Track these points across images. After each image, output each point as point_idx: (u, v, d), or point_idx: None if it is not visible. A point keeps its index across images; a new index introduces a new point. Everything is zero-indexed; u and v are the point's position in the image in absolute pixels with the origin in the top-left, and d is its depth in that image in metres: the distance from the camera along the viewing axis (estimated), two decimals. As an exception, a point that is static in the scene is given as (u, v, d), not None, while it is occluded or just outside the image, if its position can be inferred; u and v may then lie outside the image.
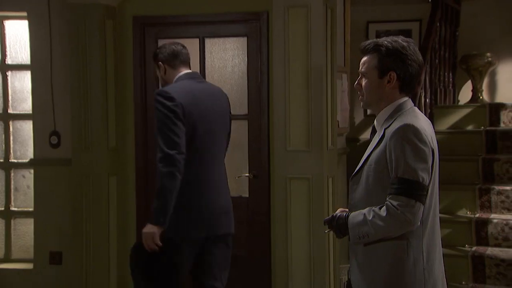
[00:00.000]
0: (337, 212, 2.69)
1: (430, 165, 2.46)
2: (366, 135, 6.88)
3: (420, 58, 2.58)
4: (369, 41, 2.60)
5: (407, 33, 6.60)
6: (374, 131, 2.66)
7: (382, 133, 2.53)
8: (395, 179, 2.43)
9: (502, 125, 5.64)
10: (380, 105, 2.59)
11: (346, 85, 4.96)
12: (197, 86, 3.47)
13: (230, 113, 3.64)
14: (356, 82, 2.64)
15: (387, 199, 2.44)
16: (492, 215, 4.88)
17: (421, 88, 5.14)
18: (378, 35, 6.78)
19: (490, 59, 6.32)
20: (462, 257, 4.68)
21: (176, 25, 4.74)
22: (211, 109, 3.43)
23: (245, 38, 4.59)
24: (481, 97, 6.37)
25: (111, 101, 4.69)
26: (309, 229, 4.21)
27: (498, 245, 4.79)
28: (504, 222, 4.80)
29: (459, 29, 6.51)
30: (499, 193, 4.99)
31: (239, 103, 4.59)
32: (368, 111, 6.86)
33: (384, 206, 2.44)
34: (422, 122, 2.52)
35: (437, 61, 5.80)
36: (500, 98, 6.45)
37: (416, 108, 2.62)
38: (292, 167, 4.24)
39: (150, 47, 4.65)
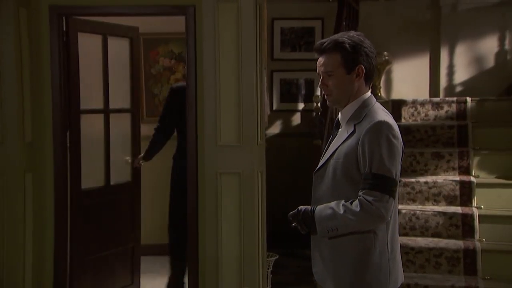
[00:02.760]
0: (300, 206, 2.71)
1: (400, 160, 2.60)
2: (272, 129, 7.05)
3: (374, 49, 2.70)
4: (326, 41, 2.65)
5: (310, 31, 6.85)
6: (337, 126, 2.72)
7: (352, 129, 2.59)
8: (369, 174, 2.51)
9: (403, 120, 6.00)
10: (349, 100, 2.66)
11: (265, 80, 5.05)
12: None
13: None
14: (320, 83, 2.68)
15: (360, 194, 2.51)
16: (400, 206, 5.18)
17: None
18: (283, 32, 6.97)
19: (387, 57, 6.68)
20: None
21: (98, 16, 4.59)
22: None
23: (171, 32, 4.54)
24: (379, 94, 6.73)
25: (27, 94, 4.44)
26: (240, 224, 4.25)
27: (406, 234, 5.10)
28: (412, 212, 5.12)
29: (358, 28, 6.81)
30: (405, 185, 5.30)
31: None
32: (274, 107, 7.05)
33: (357, 201, 2.51)
34: (391, 118, 2.63)
35: (343, 58, 6.03)
36: (395, 95, 6.87)
37: (379, 104, 2.72)
38: (222, 162, 4.25)
39: (70, 40, 4.46)
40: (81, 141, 4.58)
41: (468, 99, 5.98)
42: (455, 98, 6.08)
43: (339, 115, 2.72)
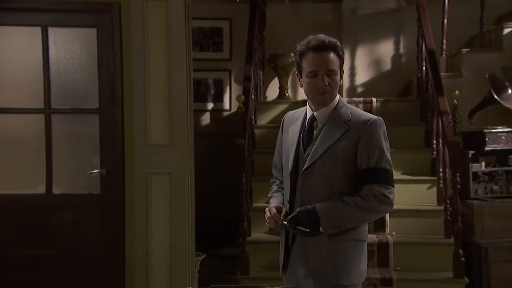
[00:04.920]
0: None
1: None
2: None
3: None
4: (325, 40, 2.68)
5: (218, 31, 6.90)
6: (310, 126, 2.75)
7: (346, 127, 2.67)
8: (376, 168, 2.63)
9: (314, 120, 6.19)
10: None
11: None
12: None
13: None
14: (322, 81, 2.65)
15: (373, 188, 2.61)
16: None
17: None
18: (192, 31, 6.95)
19: (294, 58, 6.85)
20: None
21: (13, 10, 4.37)
22: None
23: (95, 30, 4.40)
24: (287, 94, 6.90)
25: None
26: (171, 223, 4.21)
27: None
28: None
29: (266, 29, 6.96)
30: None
31: (89, 97, 4.40)
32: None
33: (369, 194, 2.61)
34: None
35: (256, 59, 6.15)
36: (301, 95, 7.06)
37: None
38: (153, 162, 4.20)
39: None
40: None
41: (374, 99, 6.28)
42: (362, 99, 6.37)
43: (315, 114, 2.74)
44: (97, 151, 4.42)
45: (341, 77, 2.72)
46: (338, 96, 2.77)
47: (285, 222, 2.68)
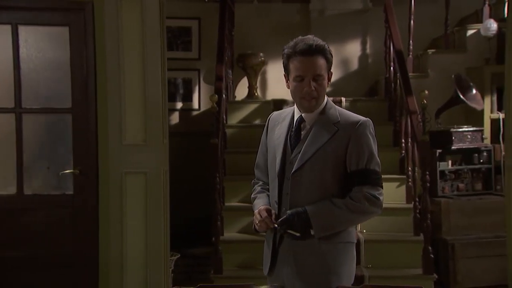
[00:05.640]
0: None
1: None
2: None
3: None
4: (312, 43, 2.65)
5: (187, 30, 6.89)
6: (298, 126, 2.73)
7: (335, 128, 2.66)
8: (364, 170, 2.63)
9: (285, 119, 6.23)
10: None
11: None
12: None
13: None
14: (308, 86, 2.63)
15: (363, 190, 2.61)
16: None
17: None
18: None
19: (263, 58, 6.91)
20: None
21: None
22: None
23: (67, 28, 4.35)
24: (256, 94, 6.93)
25: None
26: (146, 224, 4.18)
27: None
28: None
29: (234, 29, 6.97)
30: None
31: (61, 96, 4.35)
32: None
33: (360, 196, 2.61)
34: None
35: (226, 58, 6.16)
36: (270, 95, 7.11)
37: None
38: (128, 162, 4.16)
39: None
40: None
41: (343, 99, 6.35)
42: (331, 98, 6.39)
43: (303, 115, 2.72)
44: (70, 151, 4.37)
45: (329, 79, 2.72)
46: (326, 97, 2.76)
47: (276, 225, 2.66)
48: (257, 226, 2.72)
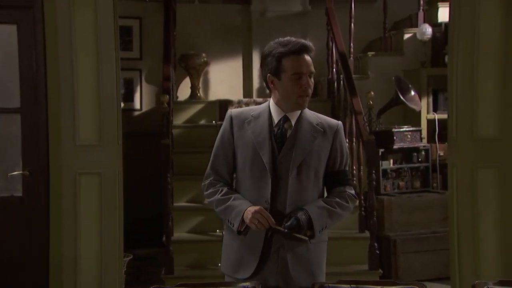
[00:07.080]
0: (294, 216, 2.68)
1: None
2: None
3: None
4: (304, 43, 2.70)
5: (128, 30, 6.83)
6: (283, 126, 2.73)
7: (321, 130, 2.72)
8: (345, 171, 2.79)
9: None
10: None
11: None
12: None
13: None
14: (307, 83, 2.68)
15: (345, 189, 2.77)
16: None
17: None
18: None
19: (205, 59, 6.93)
20: (214, 242, 5.10)
21: None
22: None
23: (15, 26, 4.23)
24: (199, 94, 6.94)
25: None
26: (100, 224, 4.12)
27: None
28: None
29: (176, 29, 6.95)
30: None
31: (9, 96, 4.23)
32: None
33: (345, 196, 2.76)
34: None
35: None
36: (213, 95, 7.13)
37: None
38: (81, 162, 4.09)
39: None
40: None
41: (287, 99, 6.42)
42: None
43: (288, 114, 2.73)
44: (19, 151, 4.25)
45: None
46: None
47: (284, 229, 2.62)
48: (256, 226, 2.63)
